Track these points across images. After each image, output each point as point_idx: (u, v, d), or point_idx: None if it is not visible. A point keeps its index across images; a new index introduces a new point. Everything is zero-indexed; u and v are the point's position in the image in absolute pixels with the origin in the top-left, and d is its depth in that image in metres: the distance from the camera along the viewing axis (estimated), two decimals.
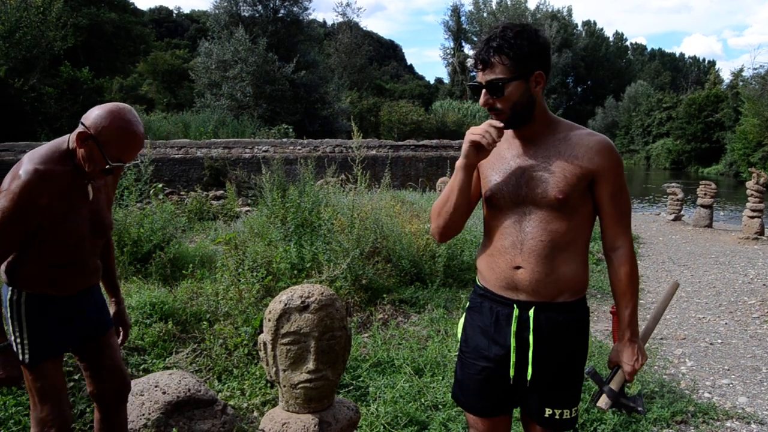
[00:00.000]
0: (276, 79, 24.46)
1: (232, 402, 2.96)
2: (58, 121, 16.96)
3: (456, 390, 1.86)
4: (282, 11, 27.63)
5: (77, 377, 2.82)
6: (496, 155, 1.71)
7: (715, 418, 3.27)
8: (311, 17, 29.87)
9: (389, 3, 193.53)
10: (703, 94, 41.63)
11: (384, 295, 4.77)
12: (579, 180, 1.61)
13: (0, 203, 1.73)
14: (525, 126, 1.66)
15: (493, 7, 56.45)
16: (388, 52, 75.10)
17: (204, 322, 3.64)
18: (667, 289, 1.97)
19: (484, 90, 1.61)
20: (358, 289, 4.70)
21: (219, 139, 15.90)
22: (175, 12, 64.17)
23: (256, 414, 2.92)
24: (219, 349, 3.36)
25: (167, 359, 3.26)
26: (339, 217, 5.20)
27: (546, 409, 1.71)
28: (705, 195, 11.20)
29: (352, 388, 3.23)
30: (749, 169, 10.84)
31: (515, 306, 1.67)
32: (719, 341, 4.74)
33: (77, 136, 1.82)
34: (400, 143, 16.60)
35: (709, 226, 11.22)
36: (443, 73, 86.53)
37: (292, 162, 11.94)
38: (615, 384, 1.71)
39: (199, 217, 8.87)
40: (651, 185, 27.46)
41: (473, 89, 1.65)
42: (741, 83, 37.14)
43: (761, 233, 9.73)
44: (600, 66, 65.56)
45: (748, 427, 3.20)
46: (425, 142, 16.68)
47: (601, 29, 70.15)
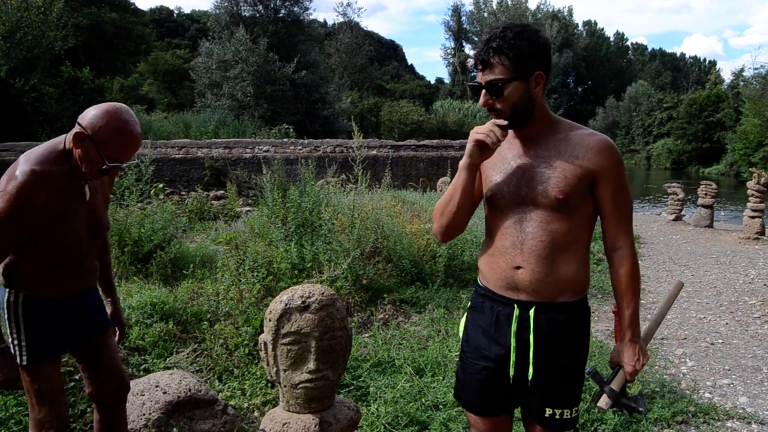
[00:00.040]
0: (277, 79, 24.46)
1: (232, 402, 2.97)
2: (58, 121, 16.94)
3: (457, 389, 1.86)
4: (283, 11, 27.63)
5: (78, 377, 2.81)
6: (497, 155, 1.71)
7: (716, 418, 3.27)
8: (312, 17, 29.89)
9: (390, 3, 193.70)
10: (704, 94, 41.62)
11: (385, 295, 4.77)
12: (579, 180, 1.61)
13: None
14: (525, 126, 1.66)
15: (494, 7, 56.46)
16: (388, 52, 75.12)
17: (205, 322, 3.64)
18: (672, 289, 1.95)
19: (483, 90, 1.61)
20: (358, 289, 4.70)
21: (220, 139, 15.91)
22: (176, 12, 64.33)
23: (256, 414, 2.93)
24: (219, 349, 3.36)
25: (168, 359, 3.26)
26: (340, 217, 5.20)
27: (546, 409, 1.71)
28: (706, 195, 11.19)
29: (352, 388, 3.23)
30: (750, 169, 10.82)
31: (516, 306, 1.67)
32: (720, 341, 4.74)
33: (74, 136, 1.80)
34: (400, 143, 16.60)
35: (710, 226, 11.22)
36: (444, 73, 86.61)
37: (292, 162, 11.95)
38: (616, 384, 1.71)
39: (200, 217, 8.88)
40: (652, 185, 27.44)
41: (473, 89, 1.65)
42: (742, 83, 37.13)
43: (762, 233, 9.72)
44: (601, 66, 65.55)
45: (748, 427, 3.20)
46: (426, 142, 16.68)
47: (602, 29, 70.25)
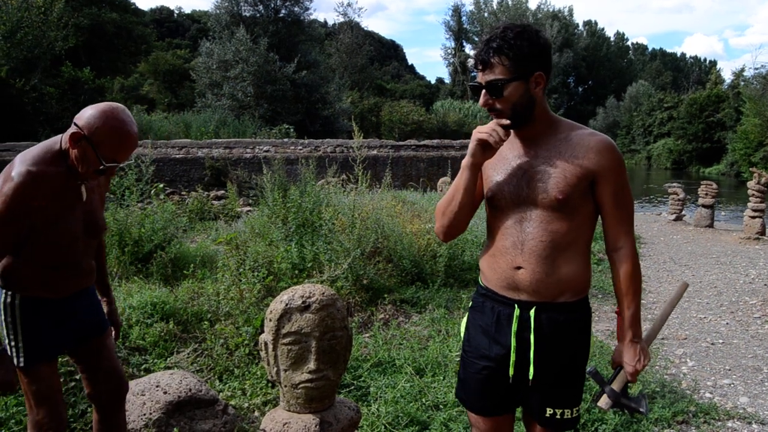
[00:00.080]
0: (277, 79, 24.48)
1: (233, 402, 2.97)
2: (59, 122, 16.95)
3: (459, 389, 1.86)
4: (283, 11, 27.66)
5: (78, 377, 2.81)
6: (497, 155, 1.71)
7: (717, 418, 3.26)
8: (312, 17, 29.91)
9: (390, 3, 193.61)
10: (705, 94, 41.58)
11: (385, 295, 4.77)
12: (579, 180, 1.60)
13: None
14: (526, 126, 1.66)
15: (494, 7, 56.46)
16: (389, 52, 75.10)
17: (205, 322, 3.64)
18: (676, 290, 1.93)
19: (483, 90, 1.60)
20: (359, 289, 4.70)
21: (220, 139, 15.92)
22: (176, 12, 64.29)
23: (257, 414, 2.93)
24: (220, 349, 3.36)
25: (168, 359, 3.27)
26: (340, 217, 5.20)
27: (547, 409, 1.71)
28: (706, 195, 11.19)
29: (353, 388, 3.23)
30: (750, 169, 10.81)
31: (516, 306, 1.67)
32: (720, 341, 4.74)
33: (70, 136, 1.79)
34: (401, 143, 16.61)
35: (711, 226, 11.21)
36: (444, 73, 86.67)
37: (293, 162, 11.95)
38: (617, 384, 1.71)
39: (200, 217, 8.88)
40: (652, 185, 27.42)
41: (473, 89, 1.65)
42: (742, 83, 37.09)
43: (762, 233, 9.72)
44: (601, 66, 65.54)
45: (749, 427, 3.20)
46: (426, 142, 16.69)
47: (602, 29, 70.22)
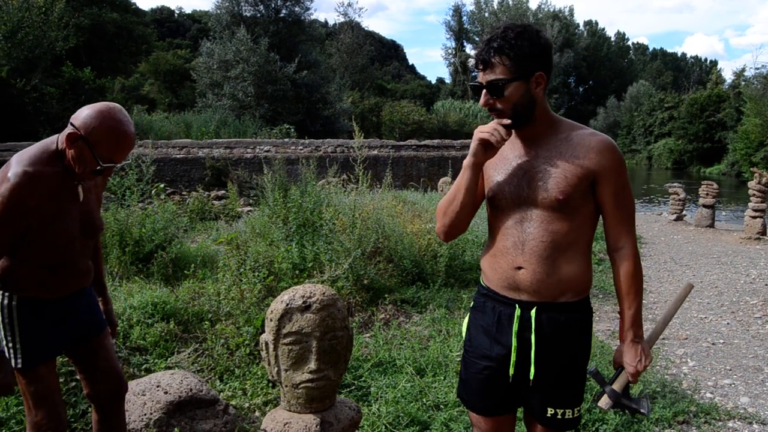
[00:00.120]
0: (278, 79, 24.48)
1: (233, 402, 2.97)
2: (60, 122, 16.92)
3: (460, 389, 1.87)
4: (284, 11, 27.67)
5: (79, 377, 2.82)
6: (498, 155, 1.71)
7: (717, 418, 3.26)
8: (313, 17, 29.95)
9: (391, 3, 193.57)
10: (705, 93, 41.57)
11: (386, 295, 4.77)
12: (580, 180, 1.60)
13: None
14: (527, 126, 1.66)
15: (495, 7, 56.46)
16: (389, 52, 75.11)
17: (206, 322, 3.64)
18: (680, 292, 1.91)
19: (484, 90, 1.60)
20: (359, 289, 4.70)
21: (221, 139, 15.92)
22: (177, 12, 64.33)
23: (257, 414, 2.93)
24: (221, 349, 3.37)
25: (169, 359, 3.27)
26: (341, 217, 5.20)
27: (548, 409, 1.71)
28: (707, 195, 11.18)
29: (353, 388, 3.23)
30: (751, 169, 10.81)
31: (517, 306, 1.67)
32: (721, 341, 4.74)
33: (67, 137, 1.78)
34: (401, 143, 16.60)
35: (711, 226, 11.21)
36: (445, 73, 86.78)
37: (293, 162, 11.95)
38: (618, 385, 1.70)
39: (201, 217, 8.88)
40: (653, 185, 27.41)
41: (474, 89, 1.65)
42: (743, 83, 37.08)
43: (763, 233, 9.71)
44: (602, 66, 65.52)
45: (750, 428, 3.19)
46: (427, 142, 16.68)
47: (603, 29, 70.20)
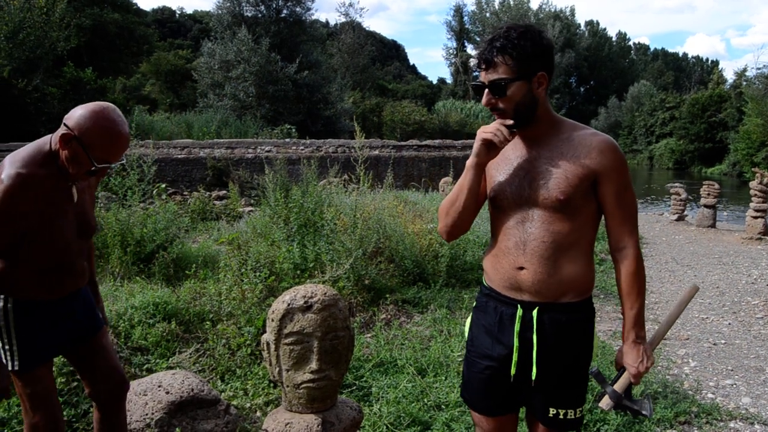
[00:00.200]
0: (279, 80, 24.50)
1: (235, 402, 2.97)
2: (61, 122, 16.96)
3: (462, 388, 1.87)
4: (285, 11, 27.69)
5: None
6: (500, 156, 1.71)
7: (719, 418, 3.26)
8: (314, 17, 29.97)
9: (392, 3, 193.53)
10: (707, 94, 41.53)
11: (387, 295, 4.77)
12: (581, 180, 1.60)
13: None
14: (529, 126, 1.66)
15: (496, 7, 56.41)
16: (390, 52, 75.10)
17: (207, 322, 3.64)
18: (685, 293, 1.89)
19: (486, 90, 1.60)
20: (360, 290, 4.70)
21: (222, 140, 15.93)
22: (178, 12, 64.34)
23: (259, 414, 2.93)
24: (222, 349, 3.37)
25: (170, 359, 3.27)
26: (342, 218, 5.20)
27: (550, 409, 1.70)
28: (708, 195, 11.17)
29: (355, 388, 3.23)
30: (753, 169, 10.79)
31: (519, 306, 1.67)
32: (723, 341, 4.73)
33: (60, 137, 1.77)
34: (402, 143, 16.60)
35: (713, 226, 11.19)
36: (446, 73, 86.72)
37: (294, 162, 11.96)
38: (619, 386, 1.69)
39: (202, 218, 8.88)
40: (654, 185, 27.39)
41: (476, 89, 1.65)
42: (744, 83, 37.03)
43: (765, 233, 9.69)
44: (603, 66, 65.44)
45: (751, 428, 3.19)
46: (428, 142, 16.69)
47: (604, 29, 70.08)
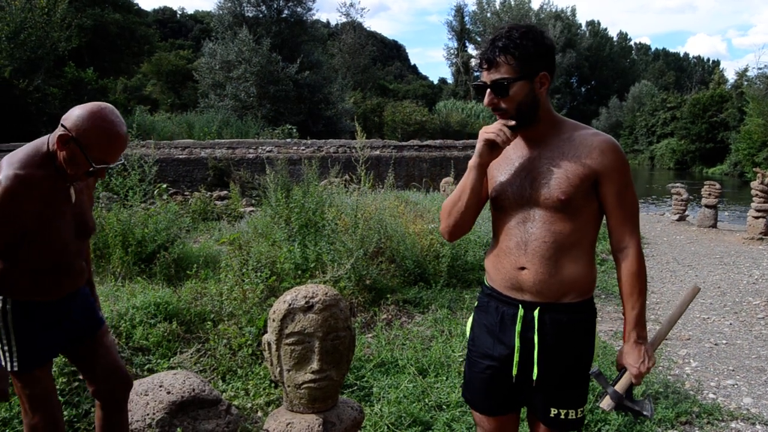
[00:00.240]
0: (280, 80, 24.51)
1: (236, 402, 2.97)
2: None
3: (464, 388, 1.87)
4: (286, 12, 27.71)
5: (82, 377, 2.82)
6: (502, 156, 1.71)
7: (720, 418, 3.26)
8: (315, 18, 29.98)
9: (393, 3, 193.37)
10: (708, 94, 41.49)
11: (388, 296, 4.77)
12: (582, 180, 1.60)
13: None
14: (530, 126, 1.66)
15: (497, 8, 56.37)
16: (391, 52, 75.07)
17: (208, 322, 3.64)
18: (687, 294, 1.88)
19: (488, 90, 1.60)
20: (362, 290, 4.70)
21: (223, 140, 15.94)
22: (179, 12, 64.36)
23: (260, 414, 2.93)
24: (223, 349, 3.37)
25: (171, 359, 3.27)
26: (343, 218, 5.20)
27: (552, 409, 1.70)
28: (709, 195, 11.16)
29: (356, 388, 3.23)
30: (754, 169, 10.78)
31: (520, 306, 1.67)
32: (724, 342, 4.73)
33: (58, 138, 1.76)
34: (403, 143, 16.60)
35: (714, 226, 11.18)
36: (447, 74, 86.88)
37: (295, 162, 11.97)
38: (620, 386, 1.68)
39: (203, 218, 8.89)
40: (655, 185, 27.38)
41: (478, 89, 1.64)
42: (745, 83, 36.95)
43: (766, 233, 9.68)
44: (604, 66, 65.42)
45: (753, 428, 3.19)
46: (429, 142, 16.68)
47: (605, 29, 70.12)
